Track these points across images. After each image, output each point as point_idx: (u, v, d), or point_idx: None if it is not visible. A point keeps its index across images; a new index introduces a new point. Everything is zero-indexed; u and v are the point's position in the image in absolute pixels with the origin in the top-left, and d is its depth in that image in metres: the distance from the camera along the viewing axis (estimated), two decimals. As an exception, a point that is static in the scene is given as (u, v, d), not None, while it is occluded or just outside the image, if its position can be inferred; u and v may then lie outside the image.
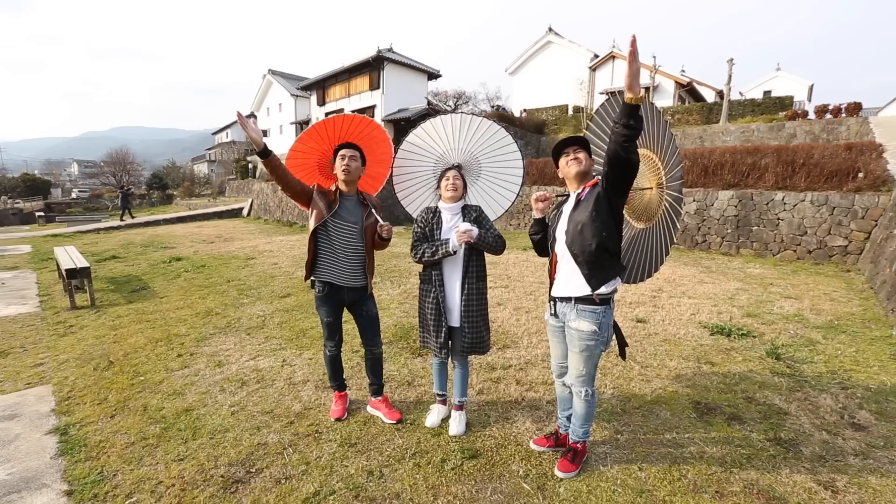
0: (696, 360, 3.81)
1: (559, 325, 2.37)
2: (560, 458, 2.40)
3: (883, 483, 2.29)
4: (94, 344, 4.44)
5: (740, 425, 2.83)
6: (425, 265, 2.67)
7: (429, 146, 2.90)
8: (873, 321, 4.79)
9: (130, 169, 38.75)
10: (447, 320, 2.62)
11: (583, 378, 2.26)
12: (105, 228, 16.65)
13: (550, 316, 2.40)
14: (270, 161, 2.65)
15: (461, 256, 2.59)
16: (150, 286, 6.85)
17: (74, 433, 2.85)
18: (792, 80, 32.25)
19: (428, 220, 2.66)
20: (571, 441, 2.43)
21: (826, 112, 16.82)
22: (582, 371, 2.24)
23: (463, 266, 2.60)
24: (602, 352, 2.26)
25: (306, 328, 4.68)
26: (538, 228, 2.43)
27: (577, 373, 2.26)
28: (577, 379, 2.27)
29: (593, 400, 2.32)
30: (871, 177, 8.18)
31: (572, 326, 2.22)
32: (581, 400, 2.30)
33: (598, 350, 2.22)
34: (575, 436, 2.40)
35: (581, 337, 2.19)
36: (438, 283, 2.61)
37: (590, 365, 2.24)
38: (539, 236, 2.45)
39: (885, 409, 3.02)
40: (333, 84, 31.61)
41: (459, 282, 2.60)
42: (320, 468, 2.42)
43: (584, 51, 27.47)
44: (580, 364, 2.24)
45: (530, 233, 2.49)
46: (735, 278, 6.76)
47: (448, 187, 2.59)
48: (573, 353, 2.26)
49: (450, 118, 2.85)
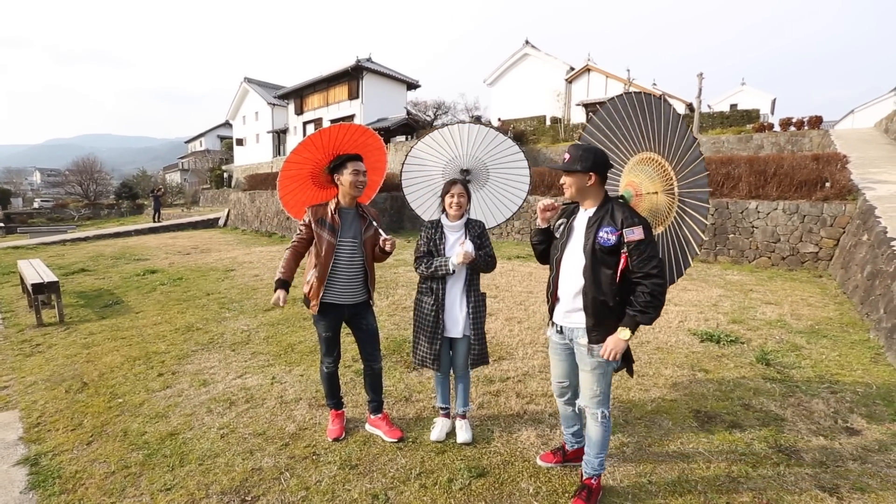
0: (690, 367, 3.84)
1: (563, 343, 2.28)
2: (574, 499, 2.21)
3: (885, 488, 2.33)
4: (64, 364, 4.16)
5: (741, 433, 2.84)
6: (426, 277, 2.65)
7: (440, 150, 2.93)
8: (850, 325, 4.95)
9: (98, 178, 37.16)
10: (445, 331, 2.59)
11: (598, 398, 2.15)
12: (72, 240, 15.87)
13: (555, 332, 2.30)
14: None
15: (464, 270, 2.61)
16: (123, 301, 6.52)
17: (46, 463, 2.64)
18: (756, 94, 33.76)
19: (431, 236, 2.64)
20: (585, 477, 2.23)
21: (790, 124, 17.63)
22: (596, 391, 2.14)
23: (466, 278, 2.61)
24: (614, 368, 2.18)
25: (294, 343, 4.52)
26: (542, 238, 2.36)
27: (591, 393, 2.16)
28: (591, 400, 2.16)
29: (608, 423, 2.20)
30: (838, 186, 8.56)
31: (582, 343, 2.14)
32: (597, 423, 2.16)
33: (610, 367, 2.14)
34: (590, 468, 2.21)
35: (593, 353, 2.10)
36: (441, 293, 2.59)
37: (603, 384, 2.15)
38: (542, 246, 2.37)
39: (875, 412, 3.10)
40: (311, 93, 31.37)
41: (462, 293, 2.60)
42: (321, 493, 2.30)
43: (560, 63, 28.11)
44: (594, 384, 2.14)
45: (533, 242, 2.42)
46: (717, 285, 6.92)
47: (452, 206, 2.57)
48: (585, 373, 2.16)
49: (458, 127, 2.89)
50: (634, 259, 1.98)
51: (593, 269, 2.05)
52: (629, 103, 2.37)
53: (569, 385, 2.34)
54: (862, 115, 27.08)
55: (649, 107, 2.28)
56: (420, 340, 2.69)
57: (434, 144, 2.95)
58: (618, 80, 24.97)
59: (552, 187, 11.95)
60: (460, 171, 2.85)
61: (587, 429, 2.24)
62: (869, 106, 27.47)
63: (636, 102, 2.34)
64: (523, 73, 29.56)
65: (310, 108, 31.51)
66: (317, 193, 2.91)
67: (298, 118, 32.27)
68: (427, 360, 2.67)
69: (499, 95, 30.99)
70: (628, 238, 1.98)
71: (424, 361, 2.69)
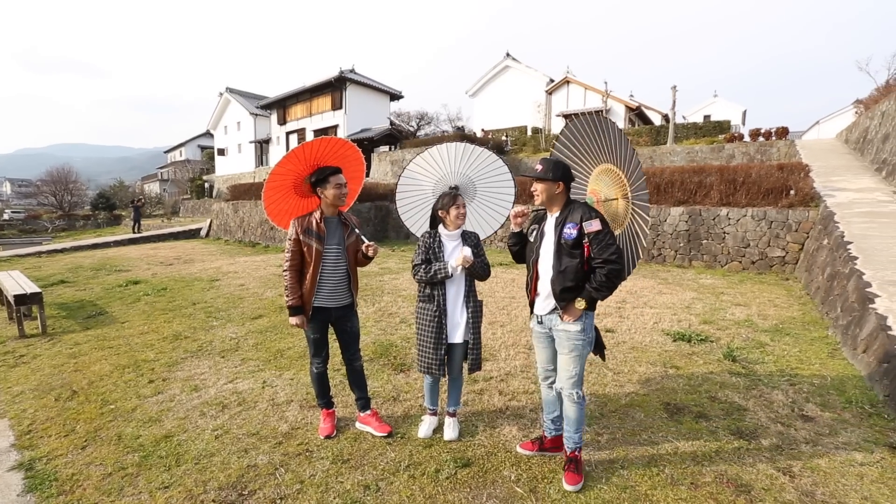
0: (662, 364, 4.08)
1: (544, 332, 2.54)
2: (565, 472, 2.45)
3: (832, 466, 2.57)
4: (51, 374, 4.18)
5: (707, 422, 3.07)
6: (426, 284, 2.79)
7: (430, 169, 3.13)
8: (811, 324, 5.28)
9: (73, 188, 36.21)
10: (448, 337, 2.74)
11: (573, 380, 2.42)
12: (48, 251, 15.52)
13: (536, 324, 2.57)
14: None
15: (463, 276, 2.77)
16: (107, 311, 6.49)
17: (42, 468, 2.70)
18: (728, 105, 35.14)
19: (430, 245, 2.79)
20: (569, 451, 2.50)
21: (759, 135, 18.45)
22: (572, 372, 2.41)
23: (466, 285, 2.78)
24: (588, 352, 2.46)
25: (283, 349, 4.61)
26: (517, 240, 2.68)
27: (567, 375, 2.42)
28: (567, 381, 2.43)
29: (583, 403, 2.47)
30: (801, 194, 9.05)
31: (560, 329, 2.41)
32: (573, 404, 2.43)
33: (585, 350, 2.42)
34: (572, 443, 2.49)
35: (569, 337, 2.38)
36: (441, 300, 2.73)
37: (579, 366, 2.42)
38: (517, 248, 2.68)
39: (828, 401, 3.37)
40: (294, 103, 31.39)
41: (462, 299, 2.76)
42: (315, 486, 2.43)
43: (540, 75, 28.80)
44: (570, 365, 2.41)
45: (509, 244, 2.72)
46: (690, 288, 7.24)
47: (459, 217, 2.74)
48: (563, 356, 2.43)
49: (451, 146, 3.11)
50: (595, 247, 2.29)
51: (561, 261, 2.36)
52: (587, 123, 2.76)
53: (553, 369, 2.59)
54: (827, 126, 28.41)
55: (602, 125, 2.68)
56: (425, 348, 2.78)
57: (424, 164, 3.16)
58: (596, 92, 25.71)
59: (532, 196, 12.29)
60: (449, 188, 3.03)
61: (565, 410, 2.49)
62: (833, 117, 28.85)
63: (591, 122, 2.74)
64: (505, 85, 30.19)
65: (293, 119, 31.51)
66: (299, 203, 3.07)
67: (281, 128, 32.21)
68: (433, 367, 2.75)
69: (481, 106, 31.54)
70: (588, 230, 2.30)
71: (430, 368, 2.77)
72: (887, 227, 6.68)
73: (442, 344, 2.72)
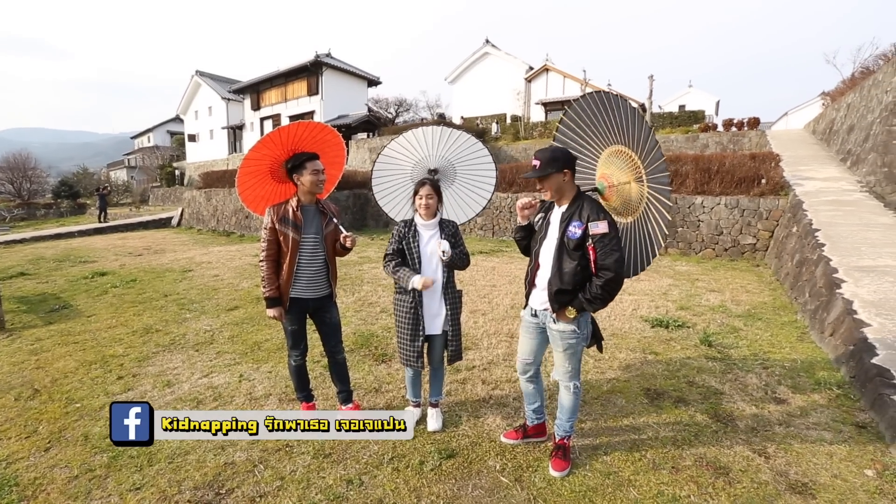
0: (641, 350, 4.14)
1: (535, 323, 2.49)
2: (552, 459, 2.46)
3: (804, 446, 2.65)
4: (11, 372, 3.95)
5: (685, 407, 3.13)
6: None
7: (409, 151, 3.02)
8: (781, 308, 5.46)
9: (33, 175, 34.32)
10: (425, 329, 2.67)
11: (570, 374, 2.42)
12: (4, 242, 14.71)
13: (530, 315, 2.51)
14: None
15: (440, 267, 2.67)
16: (72, 305, 6.19)
17: (1, 472, 2.54)
18: (702, 95, 35.81)
19: (404, 234, 2.69)
20: (559, 438, 2.50)
21: (732, 125, 18.90)
22: (568, 368, 2.41)
23: (444, 275, 2.69)
24: (584, 347, 2.42)
25: (260, 341, 4.48)
26: (524, 234, 2.55)
27: (563, 370, 2.42)
28: (564, 375, 2.43)
29: (579, 392, 2.47)
30: (772, 183, 9.31)
31: (554, 328, 2.36)
32: (569, 393, 2.44)
33: (579, 347, 2.39)
34: (562, 431, 2.49)
35: (563, 336, 2.35)
36: (416, 291, 2.63)
37: (574, 361, 2.40)
38: (525, 241, 2.57)
39: (798, 383, 3.48)
40: (269, 88, 30.46)
41: (440, 290, 2.67)
42: (296, 482, 2.36)
43: (519, 63, 28.70)
44: (565, 362, 2.40)
45: (516, 238, 2.60)
46: (666, 275, 7.39)
47: (421, 206, 2.64)
48: (558, 353, 2.41)
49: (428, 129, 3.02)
50: (598, 251, 2.16)
51: (559, 260, 2.26)
52: (595, 102, 2.54)
53: (532, 362, 2.56)
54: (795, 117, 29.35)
55: (612, 104, 2.46)
56: (403, 340, 2.72)
57: (402, 147, 3.05)
58: (575, 80, 25.82)
59: (513, 184, 12.27)
60: (428, 171, 2.95)
61: (560, 397, 2.49)
62: (801, 108, 29.80)
63: (600, 101, 2.52)
64: (484, 72, 29.97)
65: (267, 104, 30.59)
66: (276, 188, 2.93)
67: (255, 114, 31.25)
68: (412, 359, 2.70)
69: (460, 93, 31.27)
70: (593, 231, 2.16)
71: (409, 361, 2.72)
72: (851, 214, 6.94)
73: (419, 336, 2.66)
